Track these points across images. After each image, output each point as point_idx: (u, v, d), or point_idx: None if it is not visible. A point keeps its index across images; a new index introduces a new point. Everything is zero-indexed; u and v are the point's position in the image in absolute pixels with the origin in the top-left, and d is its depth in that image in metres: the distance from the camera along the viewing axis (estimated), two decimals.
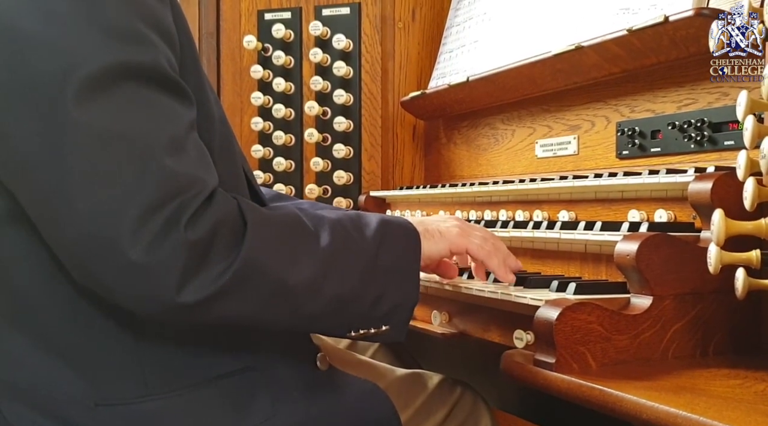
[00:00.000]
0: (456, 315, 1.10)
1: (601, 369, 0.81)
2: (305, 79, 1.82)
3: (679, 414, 0.64)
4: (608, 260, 1.01)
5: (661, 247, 0.85)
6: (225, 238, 0.74)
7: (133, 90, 0.72)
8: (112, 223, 0.69)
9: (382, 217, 0.90)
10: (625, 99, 1.26)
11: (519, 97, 1.46)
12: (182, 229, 0.71)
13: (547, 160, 1.43)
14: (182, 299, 0.71)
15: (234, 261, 0.73)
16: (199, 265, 0.72)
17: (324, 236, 0.82)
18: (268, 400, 0.85)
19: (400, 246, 0.89)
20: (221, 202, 0.76)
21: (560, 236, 1.01)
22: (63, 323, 0.81)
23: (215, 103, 0.89)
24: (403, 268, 0.88)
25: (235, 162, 0.91)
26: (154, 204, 0.70)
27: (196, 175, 0.74)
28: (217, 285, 0.73)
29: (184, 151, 0.74)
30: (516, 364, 0.85)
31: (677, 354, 0.86)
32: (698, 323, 0.87)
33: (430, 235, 0.94)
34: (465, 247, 0.97)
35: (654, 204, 1.05)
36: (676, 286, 0.86)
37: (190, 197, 0.72)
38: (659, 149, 1.19)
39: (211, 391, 0.83)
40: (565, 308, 0.80)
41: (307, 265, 0.79)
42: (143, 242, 0.69)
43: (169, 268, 0.70)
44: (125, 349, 0.81)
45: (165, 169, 0.71)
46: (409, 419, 1.05)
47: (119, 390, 0.81)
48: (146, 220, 0.69)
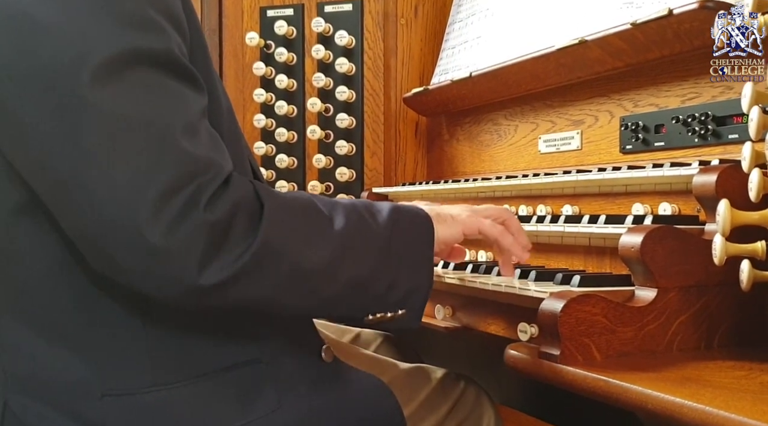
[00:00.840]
0: (459, 309, 1.10)
1: (606, 361, 0.81)
2: (308, 76, 1.82)
3: (684, 404, 0.64)
4: (612, 253, 1.01)
5: (666, 240, 0.85)
6: (243, 220, 0.75)
7: (146, 75, 0.72)
8: (131, 206, 0.69)
9: (393, 204, 0.91)
10: (629, 93, 1.26)
11: (522, 92, 1.46)
12: (201, 210, 0.71)
13: (551, 156, 1.43)
14: (204, 281, 0.72)
15: (253, 242, 0.74)
16: (219, 246, 0.72)
17: (338, 220, 0.83)
18: (273, 392, 0.86)
19: (414, 230, 0.89)
20: (238, 185, 0.76)
21: (564, 230, 1.01)
22: (71, 314, 0.81)
23: (223, 93, 0.90)
24: (417, 252, 0.89)
25: (242, 153, 0.91)
26: (172, 186, 0.70)
27: (212, 158, 0.75)
28: (238, 266, 0.73)
29: (198, 135, 0.75)
30: (520, 356, 0.85)
31: (682, 346, 0.86)
32: (703, 315, 0.87)
33: (443, 219, 0.95)
34: (477, 227, 0.97)
35: (658, 197, 1.04)
36: (681, 278, 0.86)
37: (208, 179, 0.73)
38: (663, 143, 1.19)
39: (217, 383, 0.83)
40: (570, 300, 0.80)
41: (323, 248, 0.80)
42: (163, 225, 0.69)
43: (189, 249, 0.71)
44: (133, 339, 0.81)
45: (182, 151, 0.72)
46: (413, 413, 1.04)
47: (126, 380, 0.81)
48: (165, 203, 0.70)
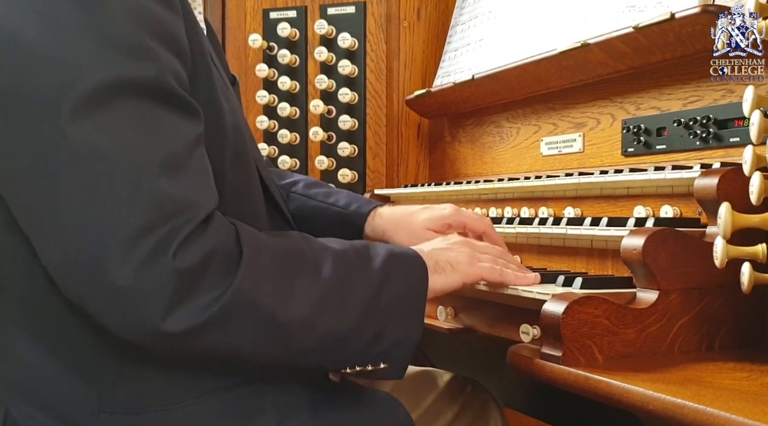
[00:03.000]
0: (462, 310, 1.10)
1: (608, 362, 0.81)
2: (310, 78, 1.83)
3: (686, 405, 0.64)
4: (614, 256, 1.01)
5: (668, 242, 0.86)
6: (217, 268, 0.72)
7: (132, 106, 0.70)
8: (99, 244, 0.68)
9: (390, 250, 0.86)
10: (631, 96, 1.27)
11: (524, 95, 1.46)
12: (171, 256, 0.69)
13: (553, 158, 1.43)
14: (166, 327, 0.70)
15: (225, 292, 0.71)
16: (187, 293, 0.70)
17: (325, 269, 0.79)
18: (273, 415, 0.83)
19: (407, 282, 0.84)
20: (216, 228, 0.74)
21: (566, 232, 1.01)
22: (67, 330, 0.80)
23: (230, 112, 0.87)
24: (408, 304, 0.83)
25: (248, 171, 0.90)
26: (144, 227, 0.68)
27: (191, 198, 0.72)
28: (204, 316, 0.70)
29: (181, 171, 0.72)
30: (522, 357, 0.85)
31: (683, 348, 0.86)
32: (704, 317, 0.88)
33: (441, 268, 0.89)
34: (479, 275, 0.92)
35: (660, 200, 1.05)
36: (683, 280, 0.87)
37: (183, 222, 0.70)
38: (665, 146, 1.19)
39: (214, 404, 0.81)
40: (572, 302, 0.80)
41: (303, 300, 0.76)
42: (130, 266, 0.68)
43: (154, 294, 0.69)
44: (128, 359, 0.80)
45: (158, 191, 0.69)
46: (419, 418, 1.04)
47: (121, 399, 0.80)
48: (134, 244, 0.68)
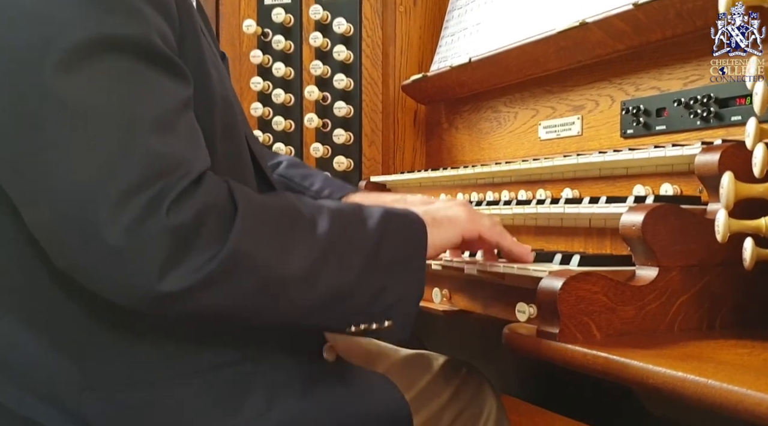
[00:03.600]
0: (457, 292, 1.08)
1: (606, 339, 0.79)
2: (305, 64, 1.81)
3: (687, 378, 0.62)
4: (613, 235, 0.99)
5: (668, 218, 0.84)
6: (212, 225, 0.70)
7: (118, 62, 0.69)
8: (89, 203, 0.66)
9: (385, 208, 0.85)
10: (630, 77, 1.25)
11: (522, 78, 1.44)
12: (164, 212, 0.67)
13: (551, 142, 1.41)
14: (163, 288, 0.68)
15: (221, 249, 0.69)
16: (182, 252, 0.68)
17: (322, 225, 0.77)
18: (264, 393, 0.81)
19: (405, 236, 0.83)
20: (210, 186, 0.72)
21: (564, 210, 0.99)
22: (51, 306, 0.78)
23: (218, 82, 0.85)
24: (407, 260, 0.82)
25: (238, 144, 0.88)
26: (134, 185, 0.66)
27: (182, 156, 0.70)
28: (202, 274, 0.68)
29: (171, 129, 0.70)
30: (518, 335, 0.83)
31: (683, 326, 0.84)
32: (705, 295, 0.86)
33: (439, 223, 0.88)
34: (477, 231, 0.90)
35: (659, 179, 1.03)
36: (683, 257, 0.84)
37: (175, 180, 0.68)
38: (664, 127, 1.17)
39: (202, 383, 0.79)
40: (570, 278, 0.78)
41: (301, 256, 0.74)
42: (122, 225, 0.66)
43: (149, 253, 0.67)
44: (111, 336, 0.78)
45: (148, 148, 0.68)
46: (412, 400, 1.02)
47: (106, 377, 0.78)
48: (126, 202, 0.66)
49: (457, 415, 1.08)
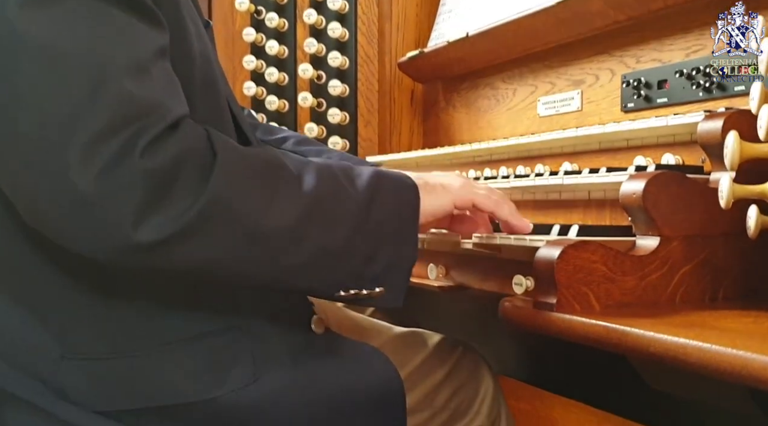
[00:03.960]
0: (453, 267, 1.06)
1: (605, 310, 0.76)
2: (299, 42, 1.77)
3: (689, 344, 0.59)
4: (612, 206, 0.96)
5: (670, 186, 0.81)
6: (190, 171, 0.66)
7: (89, 3, 0.65)
8: (58, 148, 0.63)
9: (375, 169, 0.82)
10: (631, 49, 1.21)
11: (520, 52, 1.41)
12: (138, 156, 0.64)
13: (550, 118, 1.38)
14: (140, 237, 0.64)
15: (200, 196, 0.66)
16: (159, 198, 0.65)
17: (308, 180, 0.73)
18: (250, 364, 0.78)
19: (397, 199, 0.80)
20: (187, 131, 0.68)
21: (563, 182, 0.96)
22: (26, 273, 0.76)
23: (197, 37, 0.82)
24: (400, 223, 0.79)
25: (219, 106, 0.84)
26: (106, 128, 0.63)
27: (158, 99, 0.67)
28: (180, 223, 0.65)
29: (146, 73, 0.67)
30: (514, 307, 0.81)
31: (685, 298, 0.81)
32: (707, 266, 0.83)
33: (431, 188, 0.84)
34: (471, 199, 0.87)
35: (661, 150, 1.00)
36: (685, 227, 0.82)
37: (150, 123, 0.65)
38: (666, 100, 1.14)
39: (185, 351, 0.77)
40: (568, 246, 0.75)
41: (286, 209, 0.71)
42: (93, 169, 0.62)
43: (123, 199, 0.63)
44: (90, 302, 0.75)
45: (122, 89, 0.64)
46: (407, 378, 0.99)
47: (85, 345, 0.75)
48: (97, 146, 0.63)
49: (452, 394, 1.06)
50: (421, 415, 1.03)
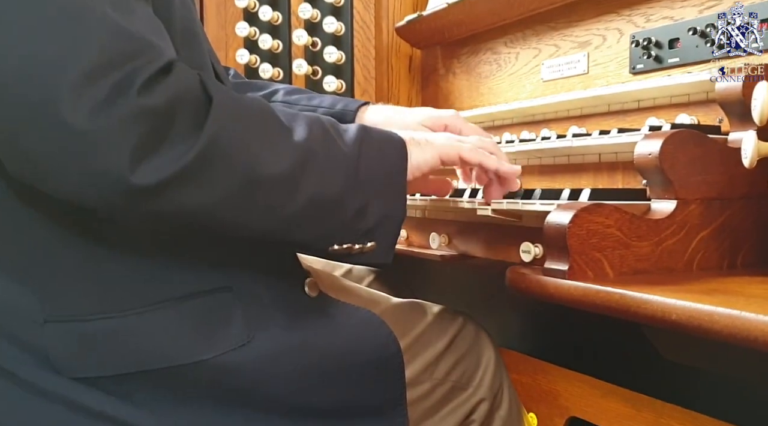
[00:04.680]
0: (456, 235, 1.01)
1: (620, 278, 0.72)
2: (293, 8, 1.70)
3: (715, 311, 0.55)
4: (625, 169, 0.91)
5: (688, 145, 0.76)
6: (186, 113, 0.63)
7: None
8: (47, 82, 0.58)
9: (361, 124, 0.80)
10: (640, 8, 1.15)
11: (524, 13, 1.35)
12: (135, 93, 0.60)
13: (554, 83, 1.32)
14: (136, 180, 0.61)
15: (197, 139, 0.63)
16: (157, 139, 0.61)
17: (299, 131, 0.72)
18: (243, 324, 0.76)
19: (385, 153, 0.79)
20: (181, 74, 0.65)
21: (572, 144, 0.91)
22: (5, 230, 0.71)
23: None
24: (389, 176, 0.78)
25: (200, 54, 0.80)
26: (100, 64, 0.59)
27: (150, 39, 0.64)
28: (179, 165, 0.62)
29: (133, 13, 0.63)
30: (522, 275, 0.76)
31: (703, 265, 0.77)
32: (726, 231, 0.79)
33: (416, 142, 0.84)
34: (457, 153, 0.85)
35: (674, 110, 0.95)
36: (703, 189, 0.77)
37: (144, 62, 0.62)
38: (677, 59, 1.08)
39: (175, 312, 0.73)
40: (580, 210, 0.71)
41: (279, 156, 0.69)
42: (86, 106, 0.58)
43: (120, 137, 0.59)
44: (75, 260, 0.71)
45: (114, 24, 0.61)
46: (407, 348, 0.96)
47: (71, 306, 0.71)
48: (90, 82, 0.59)
49: (453, 365, 1.02)
50: (422, 387, 0.99)
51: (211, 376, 0.75)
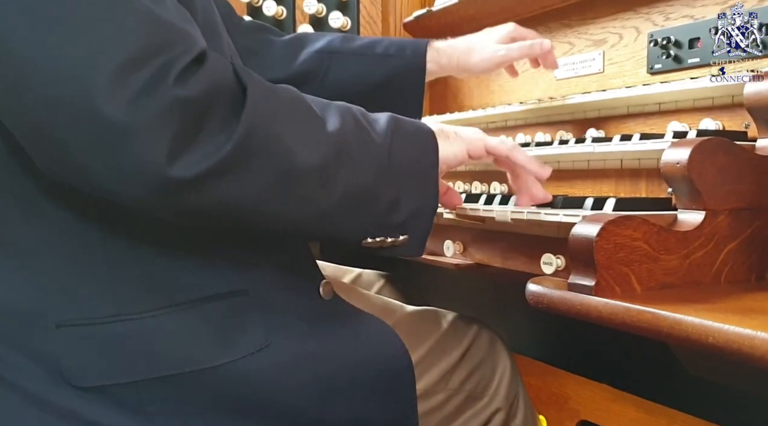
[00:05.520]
0: (471, 244, 0.98)
1: (647, 293, 0.69)
2: (298, 2, 1.67)
3: (757, 336, 0.52)
4: (649, 176, 0.89)
5: (717, 154, 0.73)
6: (223, 104, 0.62)
7: None
8: (83, 75, 0.56)
9: (390, 114, 0.79)
10: (659, 5, 1.12)
11: (537, 10, 1.32)
12: (171, 83, 0.58)
13: (568, 81, 1.29)
14: (174, 173, 0.59)
15: (235, 130, 0.62)
16: (194, 130, 0.60)
17: (332, 121, 0.71)
18: (261, 328, 0.74)
19: (415, 143, 0.78)
20: (215, 64, 0.64)
21: (593, 150, 0.89)
22: (18, 230, 0.69)
23: None
24: (420, 168, 0.77)
25: (221, 44, 0.78)
26: (136, 55, 0.58)
27: (183, 27, 0.62)
28: (218, 157, 0.61)
29: (164, 2, 0.62)
30: (545, 290, 0.73)
31: (731, 278, 0.75)
32: (754, 243, 0.76)
33: (446, 135, 0.83)
34: (483, 145, 0.84)
35: (698, 114, 0.92)
36: (732, 199, 0.74)
37: (179, 53, 0.60)
38: (698, 59, 1.05)
39: (191, 315, 0.71)
40: (608, 223, 0.68)
41: (316, 148, 0.68)
42: (124, 97, 0.57)
43: (158, 129, 0.58)
44: (91, 261, 0.69)
45: (148, 12, 0.59)
46: (422, 358, 0.94)
47: (84, 309, 0.69)
48: (127, 73, 0.57)
49: (468, 374, 1.00)
50: (437, 398, 0.97)
51: (226, 383, 0.72)
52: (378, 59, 1.08)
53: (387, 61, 1.08)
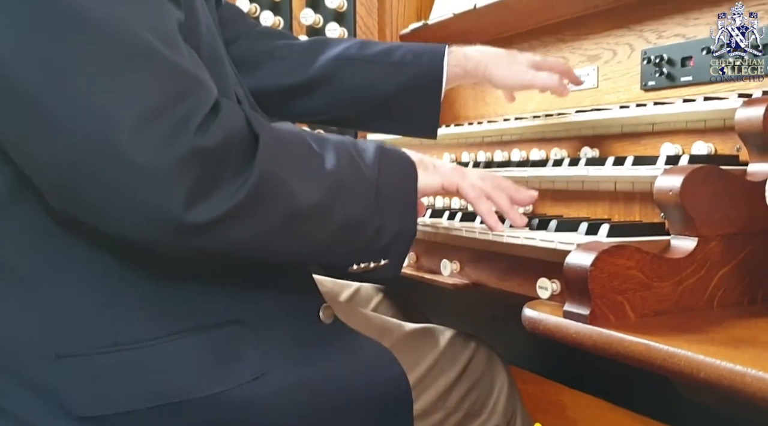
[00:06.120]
0: (469, 263, 1.00)
1: (641, 320, 0.71)
2: (295, 13, 1.67)
3: (747, 373, 0.54)
4: (642, 200, 0.90)
5: (709, 181, 0.74)
6: (237, 152, 0.65)
7: None
8: (107, 124, 0.59)
9: (377, 144, 0.82)
10: (652, 23, 1.13)
11: (532, 25, 1.32)
12: (192, 133, 0.61)
13: None
14: (191, 218, 0.62)
15: (248, 178, 0.65)
16: (211, 179, 0.63)
17: (329, 157, 0.74)
18: (258, 356, 0.76)
19: (400, 174, 0.82)
20: (229, 112, 0.67)
21: (587, 173, 0.90)
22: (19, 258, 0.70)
23: (202, 8, 0.78)
24: (403, 197, 0.81)
25: (225, 76, 0.80)
26: (157, 104, 0.60)
27: (197, 74, 0.65)
28: (230, 204, 0.64)
29: (178, 47, 0.64)
30: (541, 317, 0.75)
31: (723, 302, 0.76)
32: (747, 267, 0.77)
33: (425, 166, 0.86)
34: (456, 183, 0.87)
35: (690, 136, 0.93)
36: (724, 225, 0.76)
37: (198, 102, 0.63)
38: (690, 78, 1.07)
39: (189, 344, 0.73)
40: (602, 252, 0.69)
41: (317, 187, 0.72)
42: (148, 145, 0.59)
43: (178, 177, 0.61)
44: (92, 291, 0.71)
45: (165, 61, 0.61)
46: (421, 378, 0.95)
47: (83, 338, 0.71)
48: (150, 121, 0.60)
49: (466, 392, 1.01)
50: (435, 417, 0.98)
51: (224, 411, 0.74)
52: (393, 67, 1.07)
53: (402, 69, 1.07)
